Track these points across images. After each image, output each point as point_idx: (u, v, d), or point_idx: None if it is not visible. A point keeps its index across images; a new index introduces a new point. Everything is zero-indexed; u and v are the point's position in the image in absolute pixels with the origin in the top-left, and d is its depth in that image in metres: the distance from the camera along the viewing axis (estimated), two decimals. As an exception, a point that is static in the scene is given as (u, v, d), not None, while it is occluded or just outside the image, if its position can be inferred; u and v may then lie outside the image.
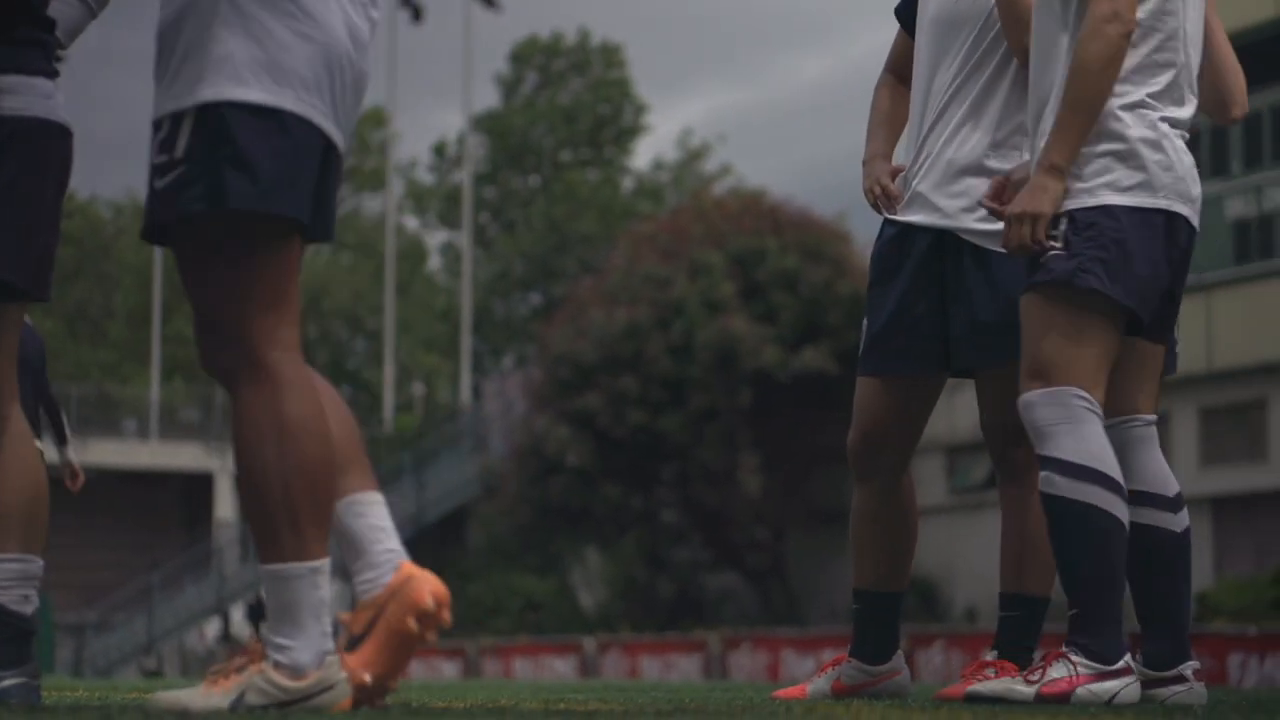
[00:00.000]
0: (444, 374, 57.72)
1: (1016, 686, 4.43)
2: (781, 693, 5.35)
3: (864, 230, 31.92)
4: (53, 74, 4.04)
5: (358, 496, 3.73)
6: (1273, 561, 24.31)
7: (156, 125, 3.48)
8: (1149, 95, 4.45)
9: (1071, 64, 4.42)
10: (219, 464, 43.29)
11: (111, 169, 79.65)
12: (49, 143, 4.00)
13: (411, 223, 61.79)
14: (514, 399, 37.58)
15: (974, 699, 4.52)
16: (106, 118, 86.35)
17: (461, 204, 49.59)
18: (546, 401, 31.46)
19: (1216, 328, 25.44)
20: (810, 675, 5.51)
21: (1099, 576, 4.34)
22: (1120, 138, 4.42)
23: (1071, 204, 4.40)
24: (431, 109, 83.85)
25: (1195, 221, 4.53)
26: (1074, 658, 4.34)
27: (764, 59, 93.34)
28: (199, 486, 44.65)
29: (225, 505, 43.22)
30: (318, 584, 3.58)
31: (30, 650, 3.84)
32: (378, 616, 3.63)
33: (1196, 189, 4.53)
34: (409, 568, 3.63)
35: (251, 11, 3.44)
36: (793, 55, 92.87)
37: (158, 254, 46.37)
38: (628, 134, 58.52)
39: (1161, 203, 4.44)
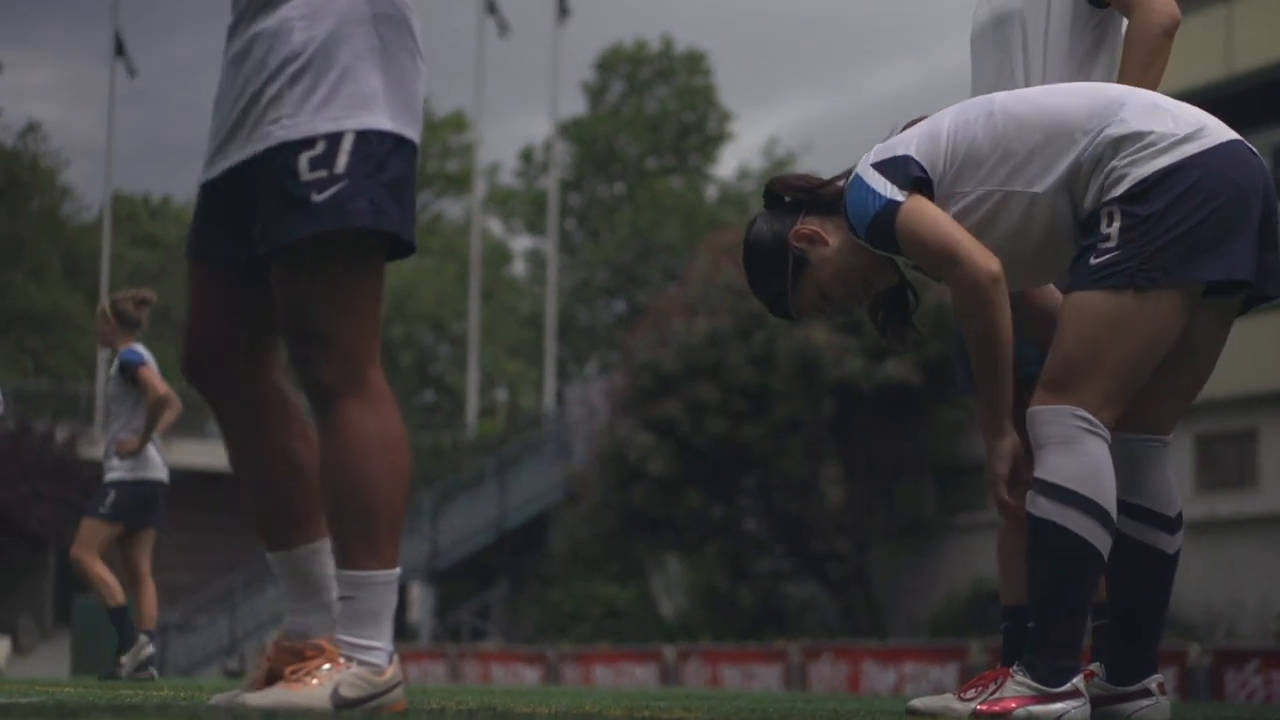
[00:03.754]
0: (528, 380, 57.90)
1: (953, 704, 4.44)
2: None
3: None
4: None
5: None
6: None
7: (307, 143, 3.67)
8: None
9: (969, 342, 4.43)
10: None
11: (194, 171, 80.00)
12: None
13: (495, 227, 62.02)
14: (597, 406, 37.63)
15: (912, 713, 4.51)
16: (196, 121, 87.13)
17: (547, 210, 49.70)
18: (629, 409, 31.48)
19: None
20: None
21: (1061, 600, 4.30)
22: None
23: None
24: (518, 115, 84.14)
25: None
26: (1019, 678, 4.32)
27: (851, 69, 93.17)
28: (282, 488, 44.71)
29: (308, 507, 43.29)
30: (394, 590, 3.80)
31: None
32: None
33: None
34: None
35: (392, 49, 3.75)
36: (879, 66, 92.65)
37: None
38: (713, 142, 58.59)
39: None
